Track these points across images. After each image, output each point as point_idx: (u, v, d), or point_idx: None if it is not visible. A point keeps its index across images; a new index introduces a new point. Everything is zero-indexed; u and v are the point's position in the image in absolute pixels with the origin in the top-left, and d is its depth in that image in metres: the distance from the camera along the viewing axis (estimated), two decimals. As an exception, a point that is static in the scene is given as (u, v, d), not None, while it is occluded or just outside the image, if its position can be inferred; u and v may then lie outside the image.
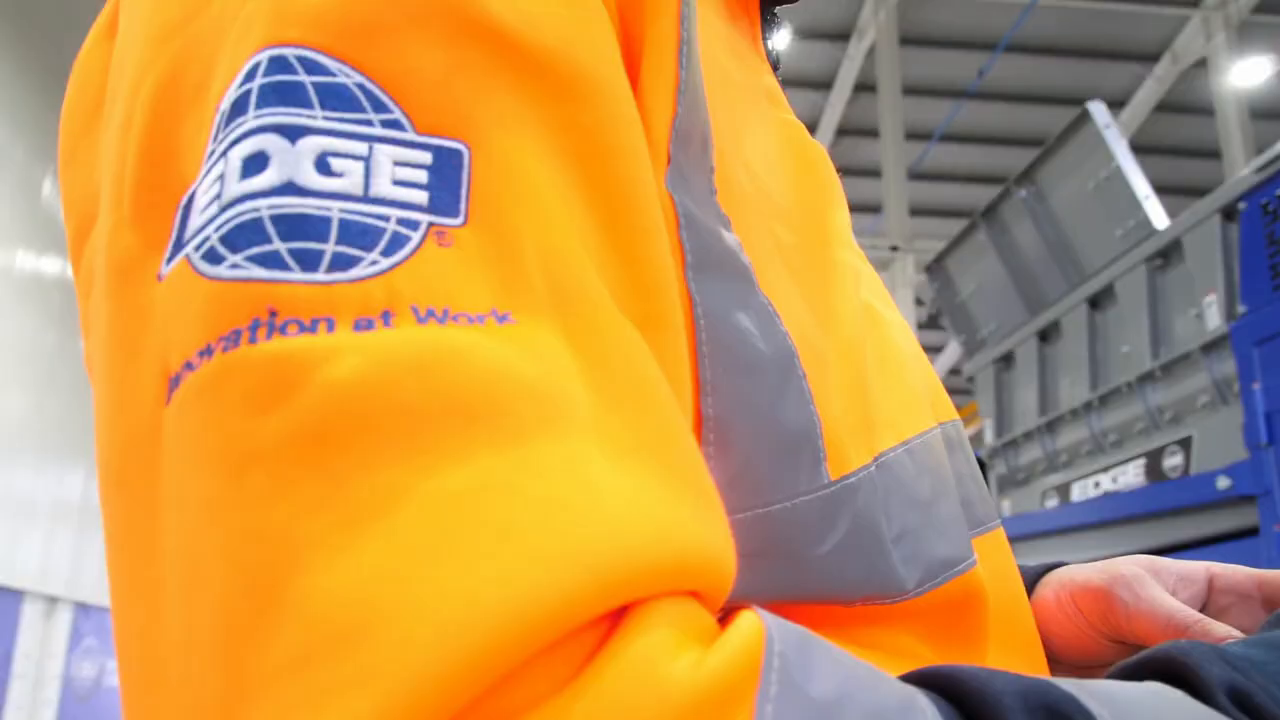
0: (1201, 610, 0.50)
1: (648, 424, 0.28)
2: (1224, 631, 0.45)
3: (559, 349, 0.28)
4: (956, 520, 0.43)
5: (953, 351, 10.58)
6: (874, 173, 11.15)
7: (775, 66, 0.52)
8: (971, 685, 0.30)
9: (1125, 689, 0.32)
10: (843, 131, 11.48)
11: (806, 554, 0.36)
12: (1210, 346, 2.95)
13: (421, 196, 0.28)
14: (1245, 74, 10.39)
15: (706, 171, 0.36)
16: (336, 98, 0.28)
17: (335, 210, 0.27)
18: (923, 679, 0.31)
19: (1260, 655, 0.34)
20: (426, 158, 0.28)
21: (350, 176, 0.27)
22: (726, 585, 0.29)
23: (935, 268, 4.73)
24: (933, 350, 13.19)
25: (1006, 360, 4.30)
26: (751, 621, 0.28)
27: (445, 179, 0.28)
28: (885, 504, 0.39)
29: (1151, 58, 10.85)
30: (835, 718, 0.26)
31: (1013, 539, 2.70)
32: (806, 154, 0.47)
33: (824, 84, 11.19)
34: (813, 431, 0.36)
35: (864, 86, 10.83)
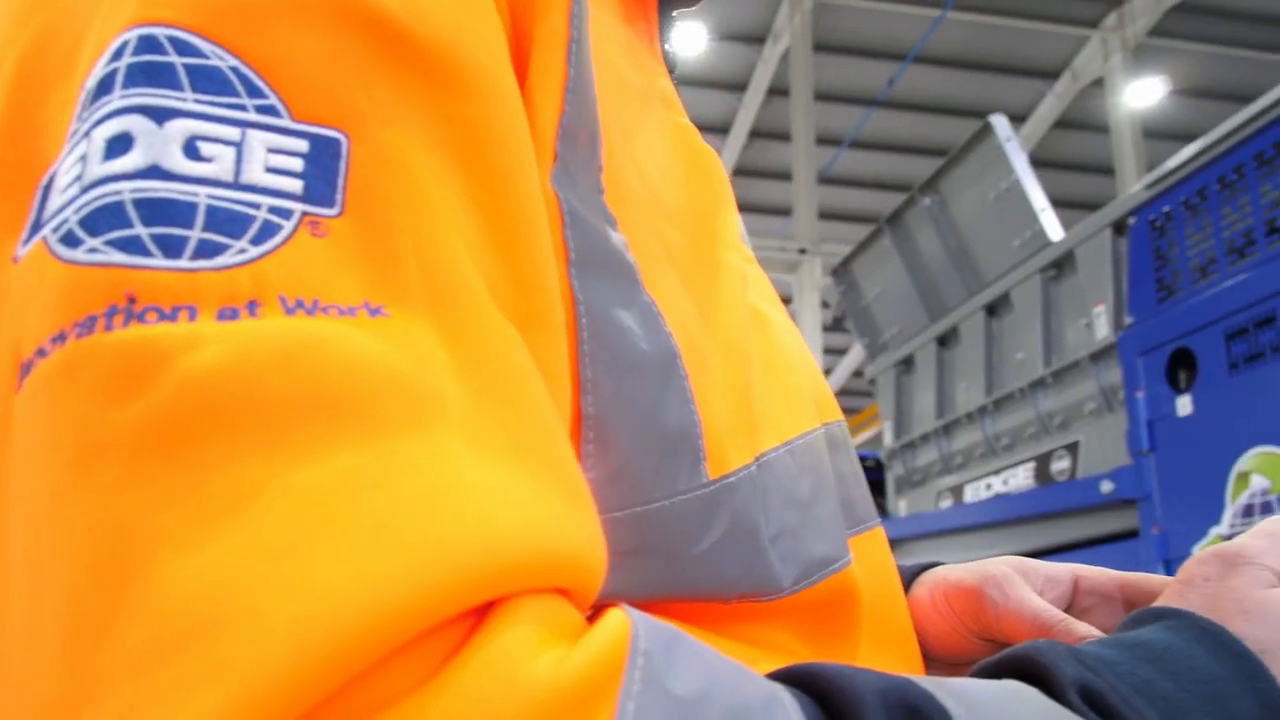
0: (1066, 610, 0.52)
1: (520, 422, 0.28)
2: (1084, 631, 0.46)
3: (432, 344, 0.27)
4: (834, 520, 0.44)
5: (857, 354, 10.79)
6: (785, 176, 11.30)
7: (672, 69, 0.52)
8: (834, 683, 0.30)
9: (983, 686, 0.33)
10: (756, 134, 11.61)
11: (685, 552, 0.36)
12: (1098, 355, 3.06)
13: (296, 185, 0.27)
14: (1139, 94, 10.82)
15: (594, 170, 0.36)
16: (208, 80, 0.27)
17: (202, 196, 0.26)
18: (788, 677, 0.32)
19: (1112, 655, 0.35)
20: (303, 145, 0.28)
21: (220, 162, 0.26)
22: (595, 583, 0.29)
23: (841, 271, 4.82)
24: (837, 352, 13.45)
25: (907, 364, 4.40)
26: (618, 619, 0.28)
27: (322, 168, 0.28)
28: (764, 503, 0.39)
29: (1052, 75, 11.22)
30: (698, 715, 0.26)
31: (909, 538, 2.77)
32: (698, 157, 0.47)
33: (739, 86, 11.29)
34: (693, 431, 0.36)
35: (777, 90, 10.96)
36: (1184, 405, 2.51)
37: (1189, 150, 2.75)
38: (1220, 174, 2.60)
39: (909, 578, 0.56)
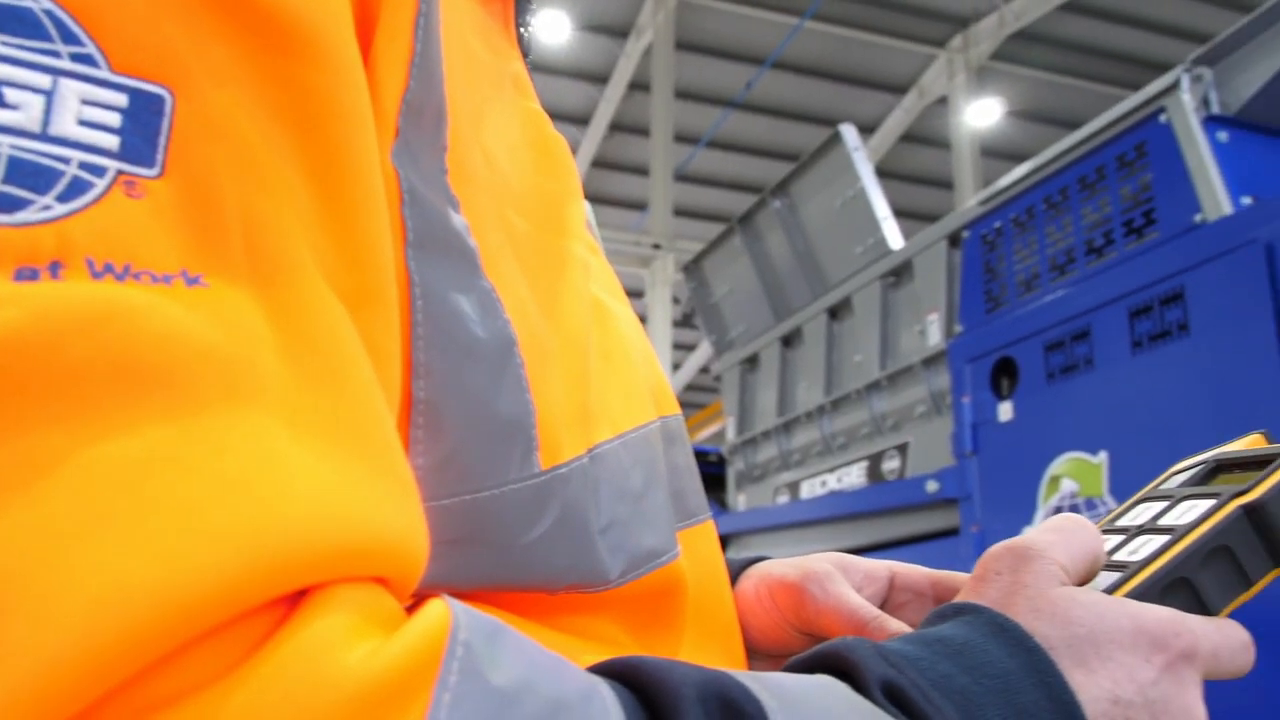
0: (883, 606, 0.54)
1: (343, 403, 0.27)
2: (896, 627, 0.48)
3: (253, 318, 0.26)
4: (665, 513, 0.44)
5: (705, 350, 10.97)
6: (642, 171, 11.38)
7: (526, 53, 0.52)
8: (653, 675, 0.31)
9: (796, 681, 0.34)
10: (615, 127, 11.64)
11: (513, 542, 0.36)
12: (930, 361, 3.20)
13: (111, 141, 0.25)
14: (979, 114, 11.36)
15: (438, 150, 0.35)
16: (18, 22, 0.25)
17: (4, 145, 0.24)
18: (609, 670, 0.32)
19: (914, 651, 0.37)
20: (121, 99, 0.26)
21: (26, 110, 0.24)
22: (415, 572, 0.29)
23: (692, 268, 4.88)
24: (686, 348, 13.64)
25: (752, 362, 4.49)
26: (438, 610, 0.27)
27: (141, 125, 0.26)
28: (596, 495, 0.39)
29: (901, 90, 11.66)
30: (516, 706, 0.26)
31: (747, 532, 2.82)
32: (547, 143, 0.47)
33: (600, 78, 11.30)
34: (527, 420, 0.36)
35: (638, 85, 11.02)
36: (1005, 411, 2.66)
37: (1020, 170, 2.90)
38: (1047, 194, 2.76)
39: (736, 571, 0.57)
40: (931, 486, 2.95)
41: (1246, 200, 2.25)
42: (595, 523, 0.39)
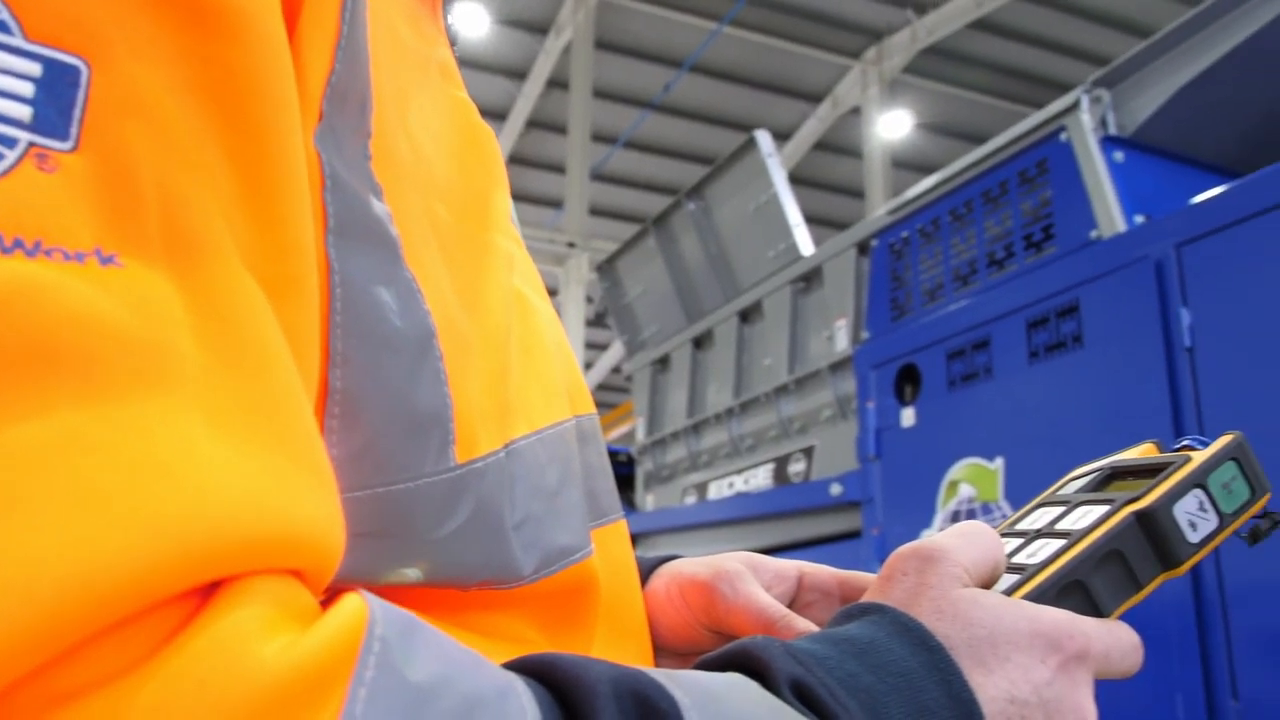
0: (791, 605, 0.55)
1: (260, 390, 0.26)
2: (804, 626, 0.49)
3: (169, 300, 0.25)
4: (578, 510, 0.44)
5: (617, 350, 10.98)
6: (559, 169, 11.34)
7: (453, 42, 0.51)
8: (569, 673, 0.31)
9: (708, 678, 0.34)
10: (533, 124, 11.58)
11: (426, 536, 0.35)
12: (837, 366, 3.25)
13: (23, 111, 0.24)
14: (891, 125, 11.59)
15: (363, 136, 0.35)
16: None
17: None
18: (524, 667, 0.32)
19: (822, 650, 0.37)
20: (35, 69, 0.25)
21: None
22: (331, 565, 0.28)
23: (606, 268, 4.88)
24: (599, 347, 13.63)
25: (663, 363, 4.51)
26: (355, 604, 0.27)
27: (56, 96, 0.25)
28: (511, 491, 0.39)
29: (816, 99, 11.84)
30: (432, 702, 0.26)
31: (655, 532, 2.83)
32: (474, 133, 0.46)
33: (519, 74, 11.23)
34: (444, 413, 0.35)
35: (557, 82, 10.99)
36: (908, 417, 2.72)
37: (928, 182, 2.97)
38: (952, 207, 2.83)
39: (647, 570, 0.57)
40: (835, 489, 3.00)
41: (1139, 219, 2.34)
42: (510, 519, 0.39)
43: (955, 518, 2.48)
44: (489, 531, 0.37)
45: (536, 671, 0.31)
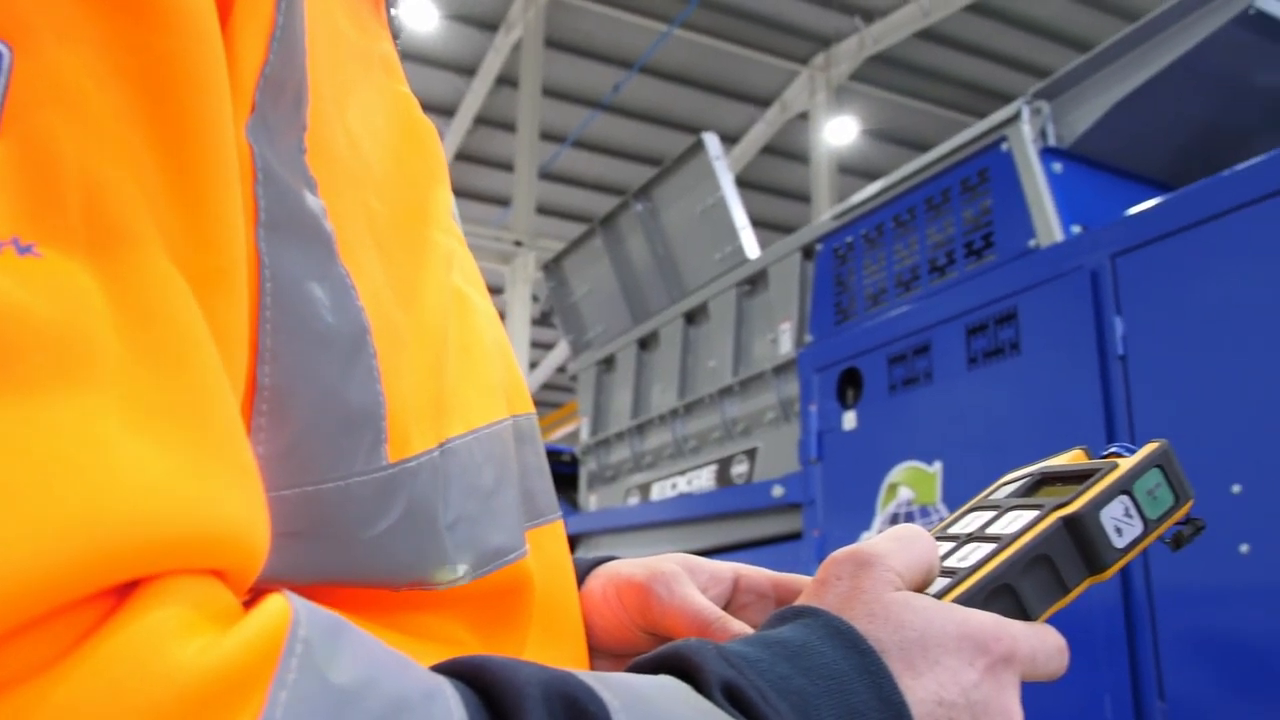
0: (726, 607, 0.55)
1: (182, 385, 0.26)
2: (739, 628, 0.49)
3: (89, 293, 0.24)
4: (514, 511, 0.44)
5: (562, 350, 10.96)
6: (506, 167, 11.29)
7: (396, 35, 0.50)
8: (498, 675, 0.31)
9: (639, 681, 0.34)
10: (481, 121, 11.52)
11: (356, 536, 0.35)
12: (781, 369, 3.28)
13: None
14: (837, 131, 11.71)
15: (297, 128, 0.34)
16: None
17: None
18: (452, 669, 0.31)
19: (754, 653, 0.37)
20: None
21: None
22: (255, 565, 0.28)
23: (552, 267, 4.86)
24: (544, 347, 13.60)
25: (608, 363, 4.51)
26: (278, 605, 0.27)
27: None
28: (445, 490, 0.39)
29: (764, 103, 11.92)
30: (355, 705, 0.25)
31: (598, 532, 2.84)
32: (415, 128, 0.46)
33: (468, 70, 11.16)
34: (377, 411, 0.35)
35: (506, 80, 10.94)
36: (849, 420, 2.75)
37: (872, 188, 3.01)
38: (896, 213, 2.87)
39: (584, 571, 0.57)
40: (777, 491, 3.02)
41: (1076, 229, 2.39)
42: (443, 518, 0.38)
43: (894, 520, 2.51)
44: (421, 531, 0.37)
45: (466, 674, 0.31)
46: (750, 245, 3.67)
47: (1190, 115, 2.60)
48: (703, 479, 3.63)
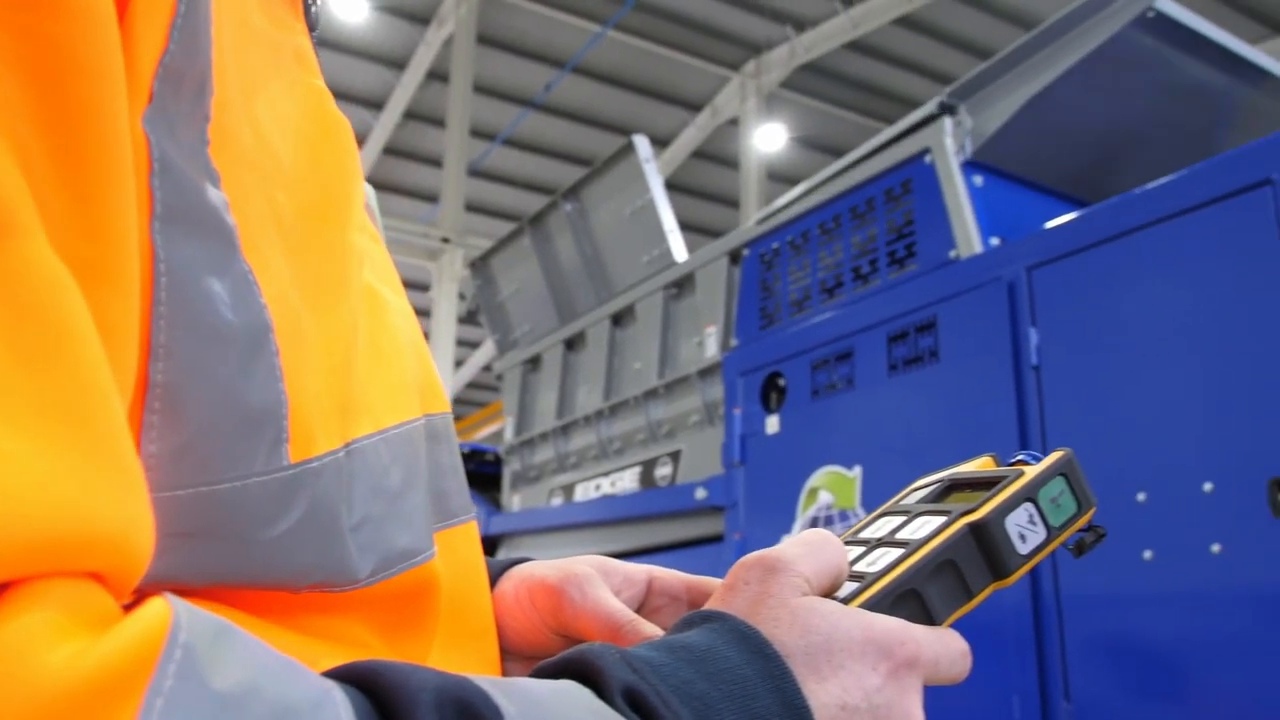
0: (640, 610, 0.55)
1: (60, 381, 0.25)
2: (650, 631, 0.49)
3: None
4: (422, 512, 0.43)
5: (488, 348, 10.89)
6: (435, 162, 11.19)
7: (313, 28, 0.49)
8: (391, 680, 0.30)
9: (539, 686, 0.34)
10: (410, 115, 11.40)
11: (254, 537, 0.34)
12: (706, 372, 3.30)
13: None
14: (767, 138, 11.83)
15: (199, 119, 0.33)
16: None
17: None
18: (345, 674, 0.31)
19: (658, 658, 0.37)
20: None
21: None
22: (136, 567, 0.27)
23: (480, 265, 4.83)
24: (470, 345, 13.50)
25: (534, 363, 4.50)
26: (157, 608, 0.26)
27: None
28: (350, 491, 0.38)
29: (696, 108, 11.99)
30: (237, 712, 0.25)
31: (520, 532, 2.83)
32: (328, 123, 0.45)
33: (398, 63, 11.04)
34: (278, 411, 0.34)
35: (437, 75, 10.84)
36: (772, 424, 2.78)
37: (796, 190, 3.04)
38: (821, 221, 2.90)
39: (497, 572, 0.57)
40: (700, 494, 3.04)
41: (995, 241, 2.45)
42: (347, 520, 0.37)
43: (814, 524, 2.55)
44: (323, 533, 0.36)
45: (360, 679, 0.31)
46: (678, 249, 3.69)
47: (1094, 117, 2.70)
48: (626, 481, 3.63)
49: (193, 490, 0.32)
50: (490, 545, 4.29)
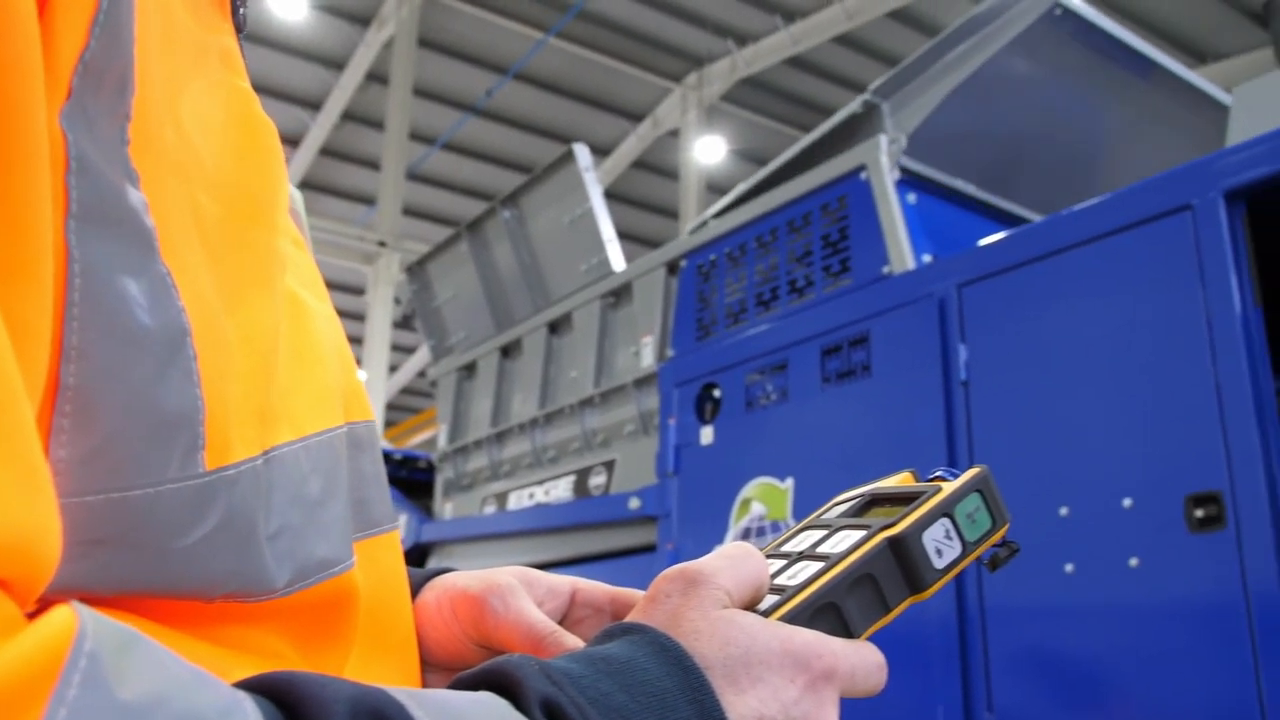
0: (562, 622, 0.55)
1: None
2: (572, 643, 0.49)
3: None
4: (342, 522, 0.43)
5: (424, 354, 10.79)
6: (373, 165, 11.08)
7: (240, 28, 0.48)
8: (304, 691, 0.30)
9: (457, 698, 0.34)
10: (349, 116, 11.27)
11: (167, 545, 0.33)
12: (642, 382, 3.30)
13: None
14: (706, 150, 11.91)
15: (120, 118, 0.32)
16: None
17: None
18: (258, 685, 0.30)
19: (578, 669, 0.37)
20: None
21: None
22: (41, 573, 0.26)
23: (416, 270, 4.79)
24: (405, 350, 13.37)
25: (470, 370, 4.47)
26: (62, 616, 0.25)
27: None
28: (268, 499, 0.37)
29: (637, 118, 12.03)
30: None
31: (452, 541, 2.80)
32: (253, 125, 0.44)
33: (337, 64, 10.91)
34: (194, 417, 0.33)
35: (376, 76, 10.74)
36: (706, 435, 2.79)
37: (727, 199, 3.07)
38: (759, 234, 2.93)
39: (419, 582, 0.56)
40: (634, 503, 3.04)
41: (927, 258, 2.49)
42: (264, 529, 0.37)
43: (746, 534, 2.56)
44: (239, 542, 0.35)
45: (273, 690, 0.30)
46: (616, 258, 3.69)
47: (1007, 113, 2.81)
48: (560, 489, 3.62)
49: (104, 496, 0.31)
50: (421, 553, 4.25)
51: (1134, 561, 1.78)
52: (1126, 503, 1.81)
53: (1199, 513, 1.71)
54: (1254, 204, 1.81)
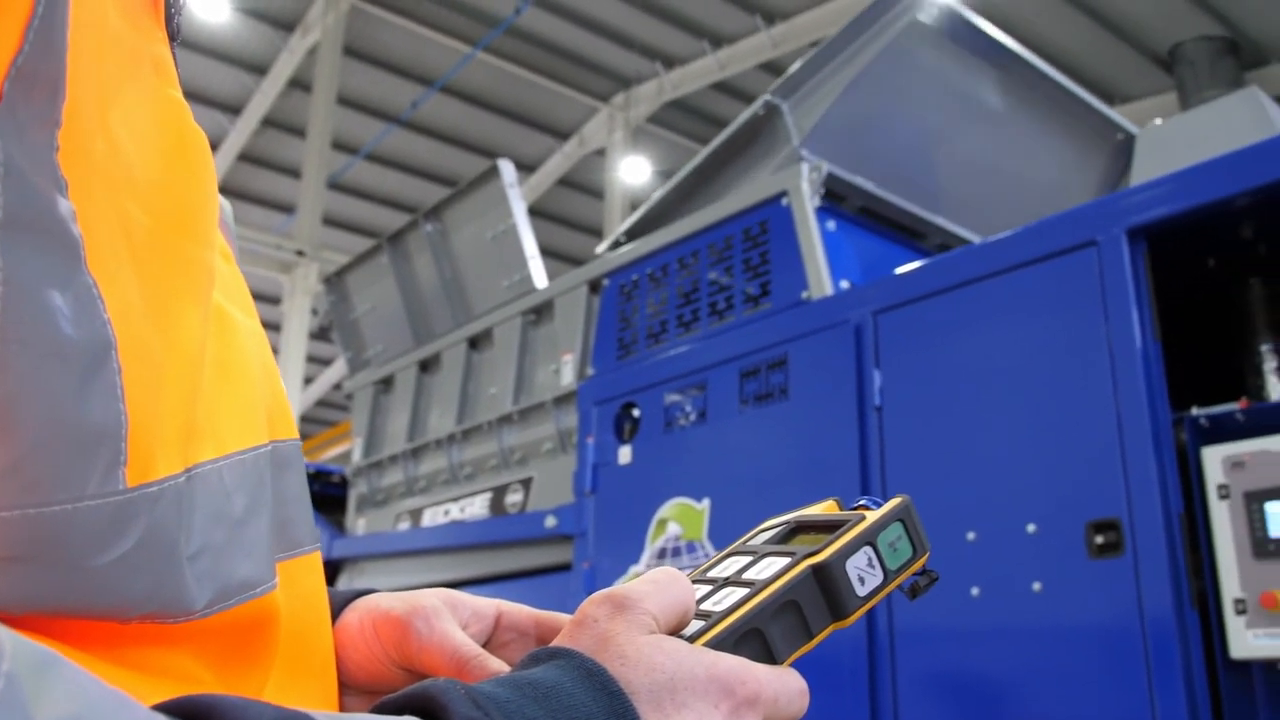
0: (486, 645, 0.54)
1: None
2: (497, 666, 0.49)
3: None
4: (264, 541, 0.42)
5: (340, 367, 10.62)
6: (293, 172, 10.90)
7: (174, 37, 0.47)
8: (225, 713, 0.30)
9: None
10: (269, 123, 11.08)
11: (84, 563, 0.32)
12: (561, 400, 3.30)
13: None
14: (632, 170, 11.98)
15: (50, 125, 0.32)
16: None
17: None
18: (178, 708, 0.30)
19: (504, 694, 0.37)
20: None
21: None
22: None
23: (334, 280, 4.72)
24: (321, 362, 13.13)
25: (387, 383, 4.41)
26: None
27: None
28: (189, 518, 0.36)
29: (563, 135, 12.05)
30: None
31: (364, 557, 2.76)
32: (185, 136, 0.43)
33: (259, 69, 10.72)
34: (116, 432, 0.33)
35: (300, 83, 10.58)
36: (624, 454, 2.79)
37: (641, 213, 3.09)
38: (681, 255, 2.95)
39: (341, 603, 0.55)
40: (550, 522, 3.02)
41: (845, 284, 2.54)
42: (184, 548, 0.36)
43: (662, 554, 2.57)
44: (158, 561, 0.35)
45: (194, 713, 0.30)
46: (539, 275, 3.69)
47: (902, 112, 2.92)
48: (476, 507, 3.59)
49: (19, 512, 0.30)
50: (333, 569, 4.16)
51: (1037, 586, 1.83)
52: (1031, 528, 1.86)
53: (1099, 539, 1.77)
54: (1155, 242, 1.88)
